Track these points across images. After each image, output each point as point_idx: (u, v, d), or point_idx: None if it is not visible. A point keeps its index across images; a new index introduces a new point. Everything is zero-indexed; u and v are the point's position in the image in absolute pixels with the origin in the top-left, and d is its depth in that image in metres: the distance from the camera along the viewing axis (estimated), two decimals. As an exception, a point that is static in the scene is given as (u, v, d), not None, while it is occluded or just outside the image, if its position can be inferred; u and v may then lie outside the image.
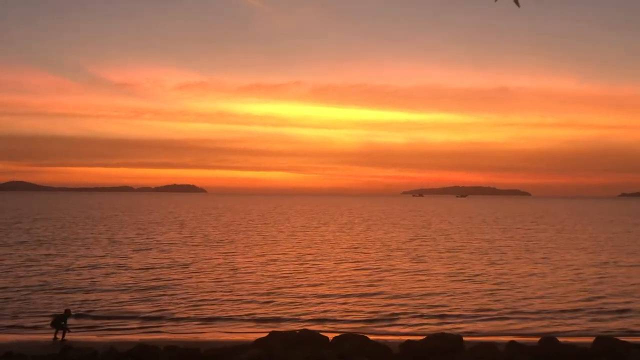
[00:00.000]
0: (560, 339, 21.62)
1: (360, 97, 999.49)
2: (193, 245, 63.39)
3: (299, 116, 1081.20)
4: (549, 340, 20.72)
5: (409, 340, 21.24)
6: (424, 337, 21.62)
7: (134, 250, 57.56)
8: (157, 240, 68.97)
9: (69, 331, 24.91)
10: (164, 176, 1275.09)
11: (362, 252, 58.04)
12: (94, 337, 25.68)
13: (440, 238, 76.29)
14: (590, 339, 21.74)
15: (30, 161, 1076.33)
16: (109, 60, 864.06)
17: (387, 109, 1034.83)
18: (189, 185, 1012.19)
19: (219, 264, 48.11)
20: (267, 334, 21.75)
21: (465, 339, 21.42)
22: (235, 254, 55.89)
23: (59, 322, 24.86)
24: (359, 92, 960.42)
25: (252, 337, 23.11)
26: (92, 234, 78.12)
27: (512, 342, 20.65)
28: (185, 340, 24.30)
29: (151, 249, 59.64)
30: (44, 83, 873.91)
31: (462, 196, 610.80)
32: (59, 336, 24.75)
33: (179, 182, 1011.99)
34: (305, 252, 58.15)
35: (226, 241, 69.00)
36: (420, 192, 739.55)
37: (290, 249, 60.41)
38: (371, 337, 21.63)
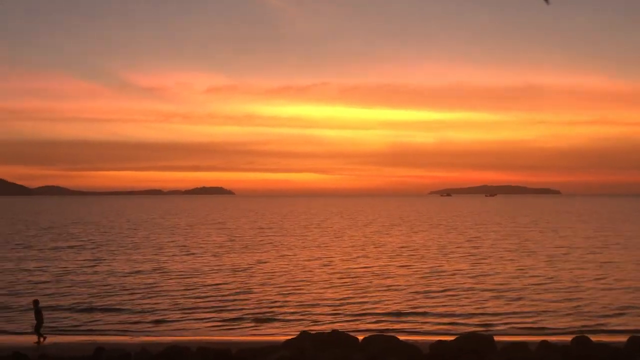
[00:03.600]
0: (594, 338, 21.36)
1: (388, 97, 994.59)
2: (229, 248, 64.19)
3: (326, 117, 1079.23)
4: (581, 339, 20.48)
5: (439, 341, 21.05)
6: (455, 337, 21.46)
7: (175, 255, 58.49)
8: (198, 243, 70.00)
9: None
10: (193, 179, 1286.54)
11: (402, 253, 58.24)
12: (126, 338, 26.23)
13: (488, 238, 76.05)
14: (624, 338, 21.44)
15: (63, 166, 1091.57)
16: (139, 66, 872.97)
17: (415, 109, 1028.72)
18: (217, 187, 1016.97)
19: (254, 266, 48.89)
20: (296, 334, 21.80)
21: (496, 338, 21.14)
22: (271, 256, 56.64)
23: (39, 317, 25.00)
24: (386, 93, 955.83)
25: (282, 338, 23.23)
26: (135, 238, 79.61)
27: (544, 341, 20.41)
28: (217, 341, 24.46)
29: (194, 252, 60.62)
30: (76, 89, 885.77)
31: (491, 195, 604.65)
32: (42, 339, 24.89)
33: (207, 185, 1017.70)
34: (337, 253, 58.59)
35: (264, 243, 69.84)
36: (448, 192, 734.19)
37: (327, 250, 61.03)
38: (401, 337, 21.51)
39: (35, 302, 25.64)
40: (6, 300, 34.80)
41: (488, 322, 28.55)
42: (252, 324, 29.06)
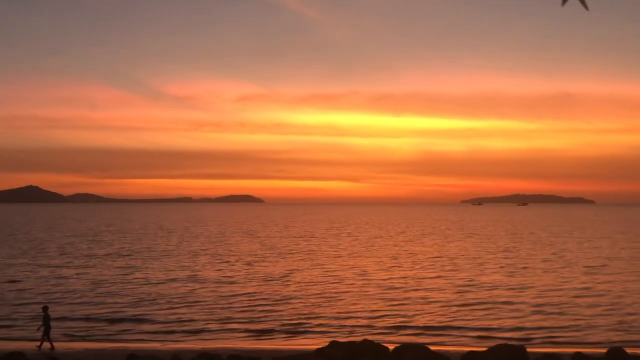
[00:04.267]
0: (630, 351, 21.12)
1: (418, 105, 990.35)
2: (261, 257, 64.40)
3: (355, 125, 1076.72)
4: (616, 351, 20.28)
5: (471, 351, 20.95)
6: (487, 348, 21.36)
7: (208, 262, 58.87)
8: (231, 251, 70.35)
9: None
10: (223, 187, 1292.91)
11: (435, 263, 57.89)
12: (158, 345, 26.51)
13: (523, 248, 75.29)
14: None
15: (96, 173, 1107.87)
16: (171, 75, 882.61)
17: (445, 117, 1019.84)
18: (247, 195, 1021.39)
19: (288, 275, 48.95)
20: (327, 343, 21.89)
21: (529, 349, 20.98)
22: (305, 265, 56.75)
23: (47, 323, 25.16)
24: (416, 100, 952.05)
25: (314, 346, 23.26)
26: (168, 245, 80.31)
27: (577, 353, 20.26)
28: (248, 349, 24.65)
29: (228, 260, 60.91)
30: (109, 98, 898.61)
31: (523, 204, 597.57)
32: (47, 344, 25.07)
33: (237, 193, 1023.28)
34: (370, 262, 58.43)
35: (297, 251, 69.94)
36: (479, 201, 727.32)
37: (361, 260, 60.80)
38: (432, 348, 21.40)
39: (45, 308, 25.90)
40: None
41: (526, 337, 27.89)
42: (284, 333, 29.06)
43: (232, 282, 44.77)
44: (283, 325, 30.60)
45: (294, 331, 29.49)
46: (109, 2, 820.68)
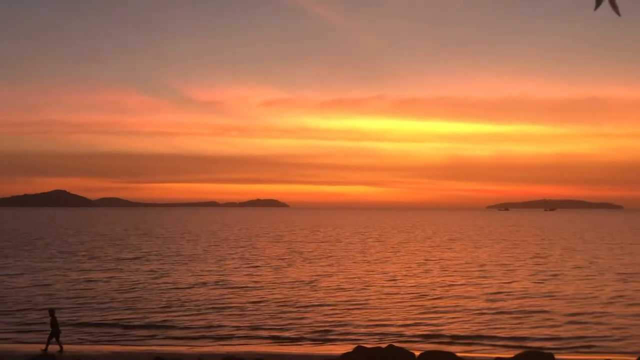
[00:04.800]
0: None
1: (444, 110, 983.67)
2: (289, 261, 64.17)
3: (381, 130, 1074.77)
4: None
5: (498, 358, 20.72)
6: (514, 354, 20.97)
7: (236, 267, 58.79)
8: (258, 255, 70.17)
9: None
10: (248, 191, 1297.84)
11: (465, 269, 57.09)
12: (184, 349, 26.51)
13: (553, 254, 74.19)
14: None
15: (124, 178, 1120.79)
16: (197, 80, 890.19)
17: (472, 122, 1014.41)
18: (272, 200, 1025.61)
19: (316, 280, 48.54)
20: (352, 349, 21.68)
21: (557, 356, 20.71)
22: (333, 270, 56.24)
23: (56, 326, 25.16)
24: (442, 105, 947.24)
25: (340, 352, 23.08)
26: (196, 250, 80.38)
27: (605, 360, 19.54)
28: (272, 353, 24.60)
29: (256, 265, 60.75)
30: (137, 103, 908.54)
31: (550, 210, 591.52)
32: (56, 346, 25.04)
33: (262, 197, 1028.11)
34: (399, 268, 57.84)
35: (324, 256, 69.56)
36: (506, 206, 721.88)
37: (389, 265, 60.24)
38: (459, 354, 21.10)
39: (51, 311, 25.92)
40: (73, 315, 35.35)
41: (558, 347, 26.96)
42: (311, 339, 28.86)
43: (260, 287, 44.52)
44: (310, 330, 30.36)
45: (320, 337, 29.17)
46: (138, 8, 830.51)
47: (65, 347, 25.64)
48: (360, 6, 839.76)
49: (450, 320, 32.64)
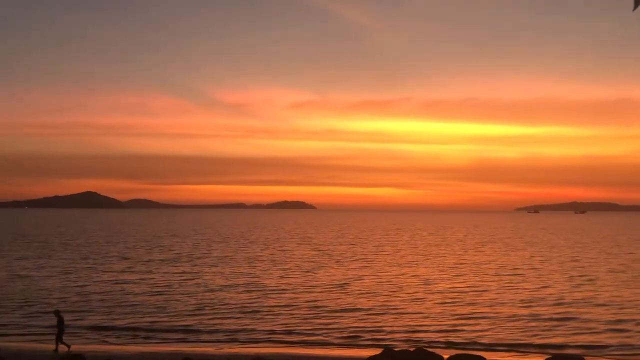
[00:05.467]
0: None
1: (472, 112, 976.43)
2: (321, 264, 63.88)
3: (408, 132, 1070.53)
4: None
5: None
6: (543, 357, 20.79)
7: (267, 269, 58.66)
8: (289, 257, 69.99)
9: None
10: (275, 193, 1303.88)
11: (500, 272, 56.23)
12: (211, 349, 26.50)
13: (589, 257, 73.01)
14: None
15: (151, 179, 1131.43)
16: (224, 82, 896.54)
17: (500, 123, 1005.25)
18: (299, 201, 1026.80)
19: (350, 283, 48.09)
20: (380, 351, 21.57)
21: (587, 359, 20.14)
22: (365, 272, 55.79)
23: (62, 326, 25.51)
24: (470, 107, 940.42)
25: (367, 354, 22.94)
26: (226, 251, 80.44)
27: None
28: (302, 355, 24.61)
29: (287, 267, 60.57)
30: (164, 105, 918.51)
31: (581, 212, 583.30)
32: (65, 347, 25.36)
33: (289, 199, 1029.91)
34: (433, 271, 57.22)
35: (356, 258, 69.06)
36: (535, 209, 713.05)
37: (423, 268, 59.62)
38: (489, 357, 21.00)
39: (57, 312, 26.18)
40: (105, 317, 35.40)
41: (593, 354, 26.25)
42: (341, 341, 28.74)
43: (291, 290, 44.24)
44: (340, 334, 30.17)
45: (350, 340, 28.97)
46: (165, 11, 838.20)
47: (94, 347, 25.95)
48: (388, 8, 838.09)
49: (483, 326, 31.96)
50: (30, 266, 59.34)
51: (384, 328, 31.27)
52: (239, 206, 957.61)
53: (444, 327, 31.41)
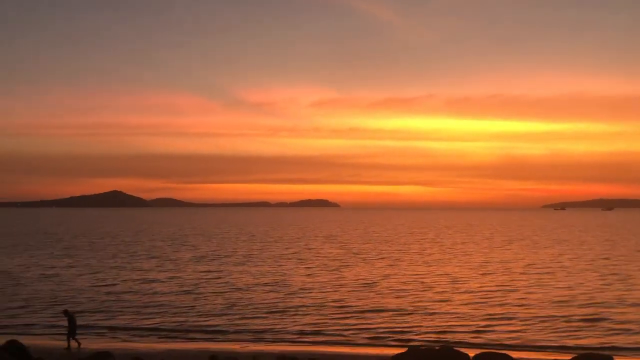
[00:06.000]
0: None
1: (497, 108, 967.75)
2: (348, 262, 63.61)
3: (432, 129, 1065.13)
4: None
5: None
6: (572, 355, 20.45)
7: (294, 267, 58.68)
8: (315, 255, 69.91)
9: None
10: (299, 191, 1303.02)
11: (529, 271, 55.43)
12: (237, 347, 26.67)
13: (620, 255, 71.71)
14: None
15: (176, 178, 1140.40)
16: (248, 82, 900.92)
17: (526, 120, 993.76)
18: (322, 200, 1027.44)
19: (379, 282, 47.83)
20: (406, 349, 21.48)
21: (616, 359, 20.04)
22: (393, 271, 55.44)
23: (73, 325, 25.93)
24: (495, 103, 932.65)
25: (391, 351, 22.88)
26: (253, 249, 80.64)
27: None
28: (326, 353, 24.59)
29: (314, 265, 60.45)
30: (189, 105, 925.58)
31: (608, 209, 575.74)
32: (74, 344, 25.89)
33: (313, 197, 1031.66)
34: (462, 269, 56.68)
35: (383, 257, 68.67)
36: (562, 206, 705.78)
37: (451, 267, 59.10)
38: (514, 354, 20.66)
39: (66, 312, 26.63)
40: (134, 315, 35.54)
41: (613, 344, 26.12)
42: (367, 339, 28.76)
43: (319, 289, 44.08)
44: (367, 332, 30.10)
45: (376, 339, 28.89)
46: (190, 11, 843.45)
47: (122, 345, 26.38)
48: (411, 5, 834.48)
49: (512, 326, 31.46)
50: (59, 265, 59.98)
51: (412, 328, 30.99)
52: (263, 205, 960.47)
53: (472, 327, 31.05)
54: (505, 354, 20.63)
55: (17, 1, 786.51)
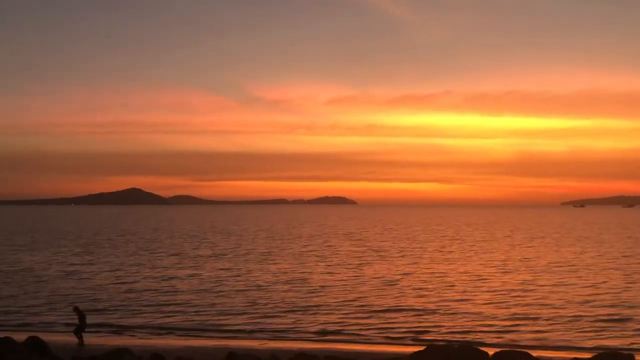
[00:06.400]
0: None
1: (516, 105, 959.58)
2: (369, 260, 63.30)
3: (450, 126, 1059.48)
4: None
5: (575, 358, 20.33)
6: (593, 354, 20.07)
7: (316, 264, 58.43)
8: (335, 252, 69.59)
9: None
10: (316, 189, 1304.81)
11: (552, 269, 54.67)
12: (256, 344, 26.62)
13: None
14: None
15: (194, 176, 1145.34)
16: (264, 79, 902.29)
17: (545, 116, 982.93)
18: (339, 197, 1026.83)
19: (401, 280, 47.48)
20: (425, 347, 21.26)
21: (638, 357, 19.78)
22: (414, 269, 55.01)
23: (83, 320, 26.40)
24: (514, 100, 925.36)
25: (410, 349, 22.75)
26: (273, 246, 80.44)
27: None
28: (345, 351, 24.41)
29: (335, 263, 60.16)
30: (205, 102, 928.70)
31: (628, 206, 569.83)
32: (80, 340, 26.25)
33: (330, 195, 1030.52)
34: (484, 267, 56.14)
35: (402, 255, 68.23)
36: (581, 203, 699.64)
37: (473, 265, 58.55)
38: (534, 354, 20.35)
39: (76, 309, 27.06)
40: (155, 313, 35.44)
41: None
42: (388, 337, 28.68)
43: (339, 287, 43.75)
44: (389, 332, 29.77)
45: (399, 342, 28.38)
46: (206, 10, 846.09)
47: (141, 341, 26.52)
48: (428, 1, 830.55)
49: (534, 326, 30.88)
50: (79, 262, 60.23)
51: (433, 327, 30.61)
52: (280, 202, 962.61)
53: (494, 327, 30.56)
54: (525, 352, 20.40)
55: (44, 4, 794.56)
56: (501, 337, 28.33)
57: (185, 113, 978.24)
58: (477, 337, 28.55)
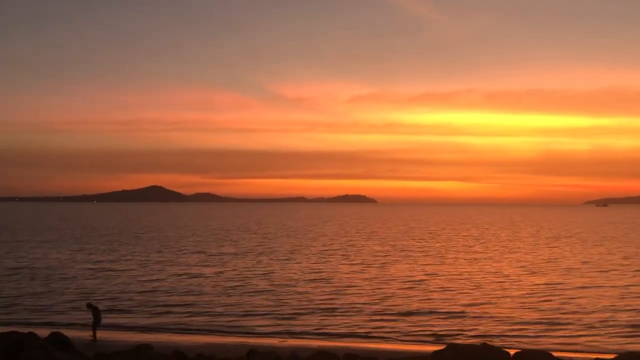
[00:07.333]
0: None
1: (538, 103, 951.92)
2: (393, 259, 62.92)
3: (471, 124, 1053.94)
4: None
5: (598, 359, 20.17)
6: (614, 355, 19.84)
7: (338, 264, 58.22)
8: (359, 251, 69.26)
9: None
10: (336, 187, 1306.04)
11: (580, 268, 53.87)
12: (276, 341, 26.54)
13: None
14: None
15: (215, 174, 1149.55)
16: (286, 78, 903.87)
17: (568, 114, 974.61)
18: (360, 195, 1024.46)
19: (426, 280, 47.15)
20: (445, 346, 21.04)
21: None
22: (439, 268, 54.52)
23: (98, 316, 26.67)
24: (536, 98, 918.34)
25: (430, 348, 22.59)
26: (297, 244, 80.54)
27: None
28: (365, 349, 24.33)
29: (359, 262, 59.81)
30: (227, 101, 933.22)
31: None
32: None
33: (350, 193, 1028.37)
34: (508, 266, 55.42)
35: (426, 254, 67.86)
36: (604, 202, 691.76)
37: (500, 263, 57.89)
38: (556, 354, 19.98)
39: (89, 305, 27.29)
40: (184, 311, 35.33)
41: None
42: (408, 336, 28.47)
43: (364, 286, 43.41)
44: (413, 330, 29.64)
45: (418, 336, 28.49)
46: (227, 9, 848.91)
47: (163, 337, 26.71)
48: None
49: (560, 328, 30.28)
50: (105, 259, 60.50)
51: (457, 328, 30.15)
52: (300, 200, 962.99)
53: (520, 330, 29.92)
54: (546, 352, 20.14)
55: (65, 2, 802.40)
56: (526, 340, 27.78)
57: (207, 111, 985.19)
58: (501, 340, 27.98)
